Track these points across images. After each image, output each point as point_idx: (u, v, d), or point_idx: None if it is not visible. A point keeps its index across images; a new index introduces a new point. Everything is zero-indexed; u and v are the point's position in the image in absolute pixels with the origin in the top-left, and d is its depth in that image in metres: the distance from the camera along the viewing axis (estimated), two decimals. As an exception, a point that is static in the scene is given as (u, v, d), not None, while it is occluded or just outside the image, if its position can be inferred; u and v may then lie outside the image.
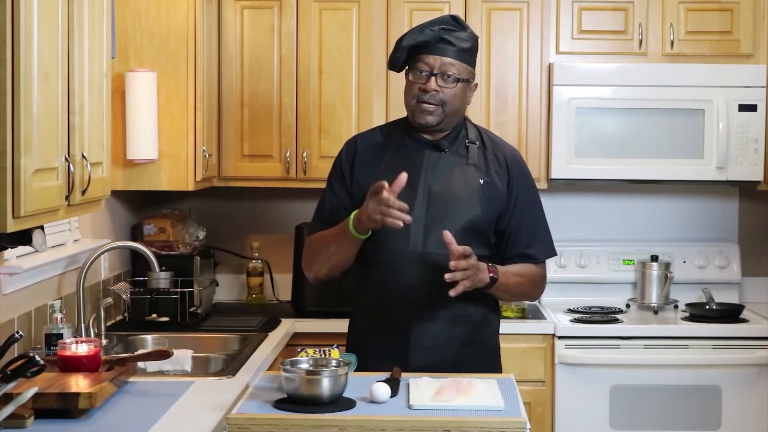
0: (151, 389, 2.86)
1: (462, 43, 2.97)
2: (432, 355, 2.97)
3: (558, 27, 4.41)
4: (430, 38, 2.95)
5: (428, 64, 2.95)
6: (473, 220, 2.97)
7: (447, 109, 2.97)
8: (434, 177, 2.99)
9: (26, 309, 3.23)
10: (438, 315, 2.99)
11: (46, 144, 2.41)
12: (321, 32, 4.36)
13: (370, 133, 3.17)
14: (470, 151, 3.04)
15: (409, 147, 3.04)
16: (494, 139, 3.13)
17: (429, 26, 2.98)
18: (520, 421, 2.47)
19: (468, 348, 3.03)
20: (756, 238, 4.78)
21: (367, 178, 2.98)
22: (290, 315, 4.27)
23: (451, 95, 2.96)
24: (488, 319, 3.09)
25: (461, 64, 2.97)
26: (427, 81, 2.95)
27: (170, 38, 3.95)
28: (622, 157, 4.35)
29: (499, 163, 3.05)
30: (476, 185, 3.00)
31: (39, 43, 2.34)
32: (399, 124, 3.13)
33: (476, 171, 3.02)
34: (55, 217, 2.57)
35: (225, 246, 4.68)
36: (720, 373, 4.15)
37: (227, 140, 4.39)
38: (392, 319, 2.99)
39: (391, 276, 2.98)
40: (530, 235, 3.06)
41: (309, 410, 2.49)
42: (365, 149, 3.08)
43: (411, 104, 3.00)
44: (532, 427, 3.47)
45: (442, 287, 2.85)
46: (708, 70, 4.33)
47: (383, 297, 3.00)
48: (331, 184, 3.11)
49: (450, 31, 2.96)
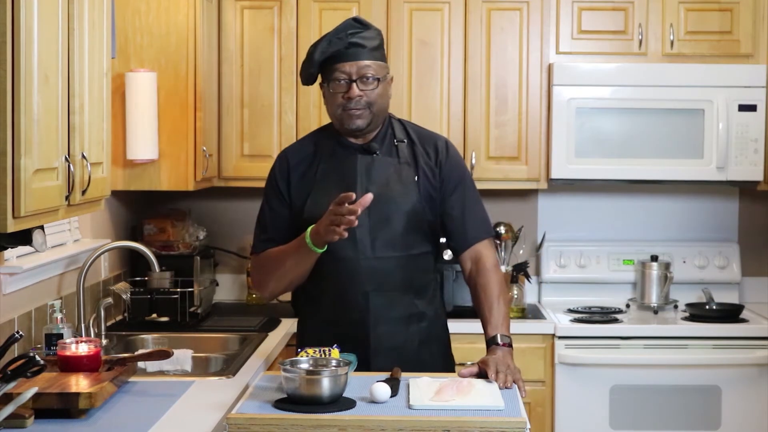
0: (151, 389, 2.86)
1: (371, 42, 2.97)
2: (393, 357, 2.97)
3: (558, 27, 4.41)
4: (340, 46, 2.94)
5: (345, 72, 2.94)
6: (414, 217, 2.99)
7: (374, 109, 2.97)
8: (370, 181, 2.98)
9: (26, 309, 3.23)
10: (393, 316, 2.99)
11: (46, 144, 2.41)
12: (321, 32, 4.34)
13: (298, 145, 3.15)
14: (400, 150, 3.04)
15: (340, 154, 3.03)
16: (420, 131, 3.12)
17: (335, 35, 2.96)
18: (520, 421, 2.47)
19: (425, 345, 3.05)
20: (756, 238, 4.78)
21: (304, 192, 3.01)
22: (290, 315, 4.26)
23: (376, 96, 2.96)
24: (438, 313, 3.12)
25: (375, 62, 2.96)
26: (348, 88, 2.93)
27: (170, 38, 3.95)
28: (622, 157, 4.35)
29: (429, 156, 3.05)
30: (412, 182, 3.00)
31: (39, 43, 2.34)
32: (326, 132, 3.11)
33: (409, 168, 3.02)
34: (55, 217, 2.57)
35: (225, 246, 4.69)
36: (720, 373, 4.15)
37: (227, 140, 4.40)
38: (350, 326, 2.98)
39: (344, 284, 2.96)
40: (472, 219, 3.05)
41: (309, 410, 2.48)
42: (297, 163, 3.06)
43: (337, 113, 2.97)
44: (532, 427, 3.48)
45: (393, 289, 2.93)
46: (708, 70, 4.33)
47: (339, 305, 3.00)
48: (268, 201, 3.08)
49: (356, 33, 2.96)
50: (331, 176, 2.99)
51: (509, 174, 4.41)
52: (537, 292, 4.70)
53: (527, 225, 4.71)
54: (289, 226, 3.02)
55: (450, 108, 4.39)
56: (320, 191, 2.98)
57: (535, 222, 4.76)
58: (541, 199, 4.76)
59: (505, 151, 4.41)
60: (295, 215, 3.02)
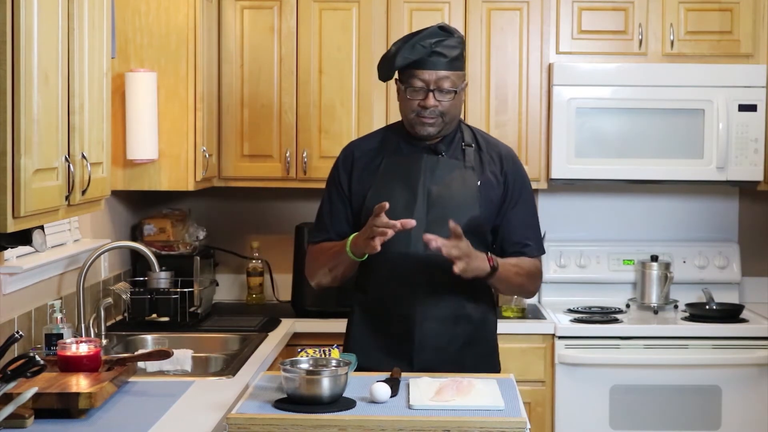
0: (151, 389, 2.86)
1: (452, 51, 2.97)
2: (435, 355, 3.00)
3: (558, 27, 4.41)
4: (423, 54, 2.94)
5: (424, 81, 2.95)
6: (472, 221, 2.99)
7: (447, 119, 3.00)
8: (433, 180, 3.01)
9: (26, 309, 3.23)
10: (440, 315, 3.01)
11: (46, 144, 2.41)
12: (321, 32, 4.36)
13: (366, 139, 3.20)
14: (467, 154, 3.06)
15: (406, 151, 3.06)
16: (488, 139, 3.15)
17: (419, 41, 2.95)
18: (520, 421, 2.47)
19: (469, 347, 3.05)
20: (756, 238, 4.78)
21: (366, 185, 3.04)
22: (290, 315, 4.27)
23: (450, 106, 2.98)
24: (487, 317, 3.11)
25: (455, 73, 2.97)
26: (425, 97, 2.95)
27: (170, 38, 3.95)
28: (621, 157, 4.35)
29: (495, 163, 3.08)
30: (474, 187, 3.02)
31: (39, 43, 2.34)
32: (394, 129, 3.15)
33: (473, 173, 3.04)
34: (55, 217, 2.57)
35: (225, 246, 4.68)
36: (720, 373, 4.15)
37: (227, 140, 4.40)
38: (396, 321, 3.02)
39: (393, 279, 3.00)
40: (525, 232, 3.08)
41: (309, 410, 2.49)
42: (362, 156, 3.10)
43: (410, 117, 3.01)
44: (532, 427, 3.48)
45: (443, 288, 2.92)
46: (708, 70, 4.33)
47: (386, 299, 3.03)
48: (329, 193, 3.13)
49: (440, 42, 2.95)
50: (395, 171, 3.02)
51: (509, 174, 4.40)
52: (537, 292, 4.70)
53: (527, 225, 4.71)
54: (346, 219, 3.08)
55: (450, 108, 4.38)
56: (382, 185, 3.02)
57: (535, 222, 4.76)
58: (541, 199, 4.75)
59: (505, 151, 4.40)
60: (356, 208, 3.06)
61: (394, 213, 2.88)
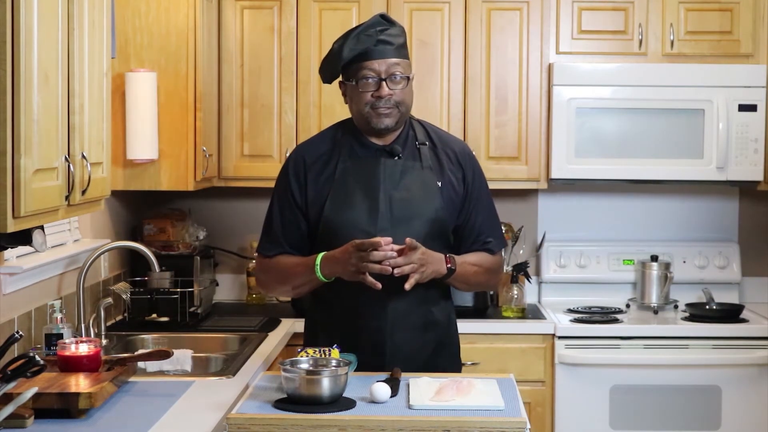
0: (151, 389, 2.86)
1: (398, 39, 2.91)
2: (407, 363, 2.92)
3: (558, 27, 4.41)
4: (369, 44, 2.87)
5: (374, 71, 2.88)
6: (435, 223, 2.94)
7: (402, 109, 2.92)
8: (393, 185, 2.94)
9: (26, 309, 3.23)
10: (410, 323, 2.96)
11: (46, 144, 2.42)
12: (321, 32, 4.36)
13: (315, 142, 3.06)
14: (422, 153, 2.99)
15: (361, 154, 2.98)
16: (441, 134, 3.08)
17: (363, 32, 2.88)
18: (520, 421, 2.47)
19: (438, 351, 3.02)
20: (756, 238, 4.78)
21: (323, 193, 2.94)
22: (290, 315, 4.27)
23: (404, 94, 2.91)
24: (451, 318, 3.09)
25: (403, 60, 2.92)
26: (378, 87, 2.88)
27: (170, 38, 3.95)
28: (622, 157, 4.35)
29: (452, 162, 3.01)
30: (435, 188, 2.96)
31: (39, 43, 2.34)
32: (344, 129, 3.04)
33: (432, 173, 2.97)
34: (55, 217, 2.57)
35: (225, 246, 4.69)
36: (720, 373, 4.15)
37: (227, 140, 4.39)
38: (365, 333, 2.94)
39: (362, 291, 2.86)
40: (487, 228, 3.04)
41: (309, 410, 2.49)
42: (314, 162, 2.98)
43: (364, 112, 2.91)
44: (532, 427, 3.48)
45: (412, 296, 2.87)
46: (708, 70, 4.33)
47: (354, 313, 2.95)
48: (280, 204, 3.00)
49: (384, 30, 2.89)
50: (353, 178, 2.93)
51: (509, 174, 4.41)
52: (537, 292, 4.70)
53: (527, 225, 4.71)
54: (298, 230, 2.98)
55: (450, 108, 4.39)
56: (341, 193, 2.93)
57: (535, 222, 4.76)
58: (541, 199, 4.76)
59: (505, 151, 4.41)
60: (312, 217, 2.96)
61: (357, 222, 2.86)
